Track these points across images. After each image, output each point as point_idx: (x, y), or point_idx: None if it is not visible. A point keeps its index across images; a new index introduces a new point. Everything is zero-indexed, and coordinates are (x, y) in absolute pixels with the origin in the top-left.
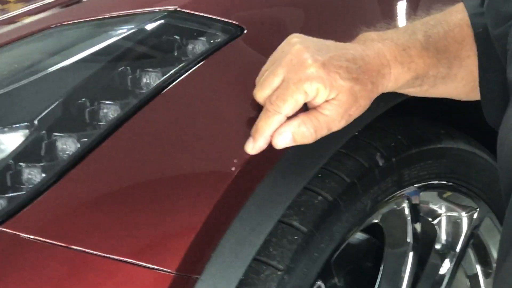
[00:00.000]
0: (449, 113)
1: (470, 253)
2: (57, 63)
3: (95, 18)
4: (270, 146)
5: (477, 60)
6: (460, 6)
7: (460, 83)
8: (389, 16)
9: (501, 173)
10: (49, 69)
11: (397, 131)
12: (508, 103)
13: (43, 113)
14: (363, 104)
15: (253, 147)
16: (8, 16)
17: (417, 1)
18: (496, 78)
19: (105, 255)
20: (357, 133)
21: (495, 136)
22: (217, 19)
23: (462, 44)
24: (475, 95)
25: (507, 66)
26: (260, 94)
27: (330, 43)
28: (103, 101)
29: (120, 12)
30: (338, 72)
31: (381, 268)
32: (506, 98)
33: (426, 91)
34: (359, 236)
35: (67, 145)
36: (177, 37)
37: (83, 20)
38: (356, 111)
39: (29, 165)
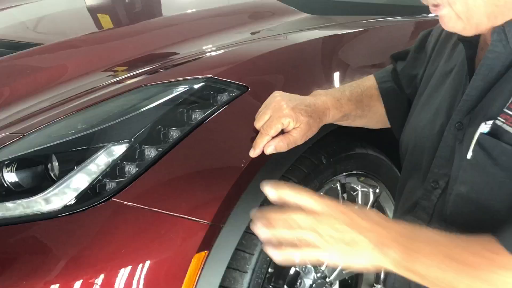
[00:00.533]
0: (364, 133)
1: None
2: (144, 106)
3: (168, 81)
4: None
5: (379, 107)
6: (371, 77)
7: (369, 119)
8: (330, 81)
9: (401, 152)
10: (139, 111)
11: (334, 143)
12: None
13: (136, 134)
14: (314, 130)
15: (254, 153)
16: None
17: (344, 74)
18: (398, 115)
19: (170, 213)
20: (311, 145)
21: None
22: (233, 82)
23: (371, 98)
24: (378, 126)
25: (413, 110)
26: (258, 124)
27: (296, 96)
28: (171, 127)
29: (180, 78)
30: (300, 112)
31: None
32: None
33: (350, 123)
34: None
35: (150, 152)
36: (211, 92)
37: (160, 82)
38: (311, 134)
39: (129, 163)
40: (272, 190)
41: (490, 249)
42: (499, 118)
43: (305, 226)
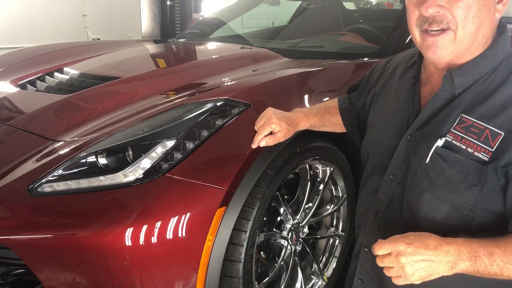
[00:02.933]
0: (324, 133)
1: (330, 182)
2: (186, 116)
3: (201, 100)
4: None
5: (336, 120)
6: (335, 100)
7: (330, 128)
8: (302, 101)
9: (363, 153)
10: (182, 119)
11: (304, 139)
12: (360, 134)
13: (181, 133)
14: (291, 133)
15: (254, 145)
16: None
17: (310, 96)
18: (353, 127)
19: (202, 183)
20: (290, 141)
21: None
22: (241, 101)
23: (331, 115)
24: (336, 131)
25: (371, 126)
26: (256, 127)
27: (281, 111)
28: (202, 129)
29: (208, 98)
30: (283, 121)
31: (299, 188)
32: (360, 132)
33: (317, 129)
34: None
35: (190, 145)
36: (228, 107)
37: (196, 101)
38: (289, 135)
39: (176, 152)
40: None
41: None
42: (448, 135)
43: (393, 265)
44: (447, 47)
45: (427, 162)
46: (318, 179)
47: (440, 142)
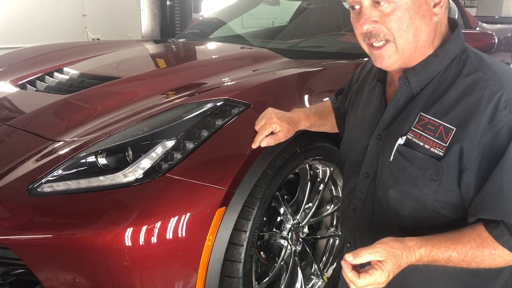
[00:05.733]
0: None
1: (330, 182)
2: (186, 116)
3: (200, 100)
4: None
5: (333, 119)
6: (328, 101)
7: (327, 127)
8: (302, 101)
9: (342, 154)
10: (182, 119)
11: (305, 140)
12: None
13: (181, 133)
14: (292, 133)
15: (254, 146)
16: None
17: (310, 96)
18: (342, 124)
19: (202, 183)
20: (290, 141)
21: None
22: (241, 101)
23: (329, 113)
24: (334, 131)
25: (348, 128)
26: (256, 127)
27: (281, 111)
28: (202, 130)
29: (208, 98)
30: (283, 121)
31: (299, 188)
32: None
33: (316, 129)
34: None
35: (189, 145)
36: (228, 107)
37: (196, 101)
38: (290, 135)
39: (176, 152)
40: (351, 258)
41: (486, 239)
42: (409, 134)
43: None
44: (391, 57)
45: (391, 160)
46: (318, 179)
47: (401, 141)
